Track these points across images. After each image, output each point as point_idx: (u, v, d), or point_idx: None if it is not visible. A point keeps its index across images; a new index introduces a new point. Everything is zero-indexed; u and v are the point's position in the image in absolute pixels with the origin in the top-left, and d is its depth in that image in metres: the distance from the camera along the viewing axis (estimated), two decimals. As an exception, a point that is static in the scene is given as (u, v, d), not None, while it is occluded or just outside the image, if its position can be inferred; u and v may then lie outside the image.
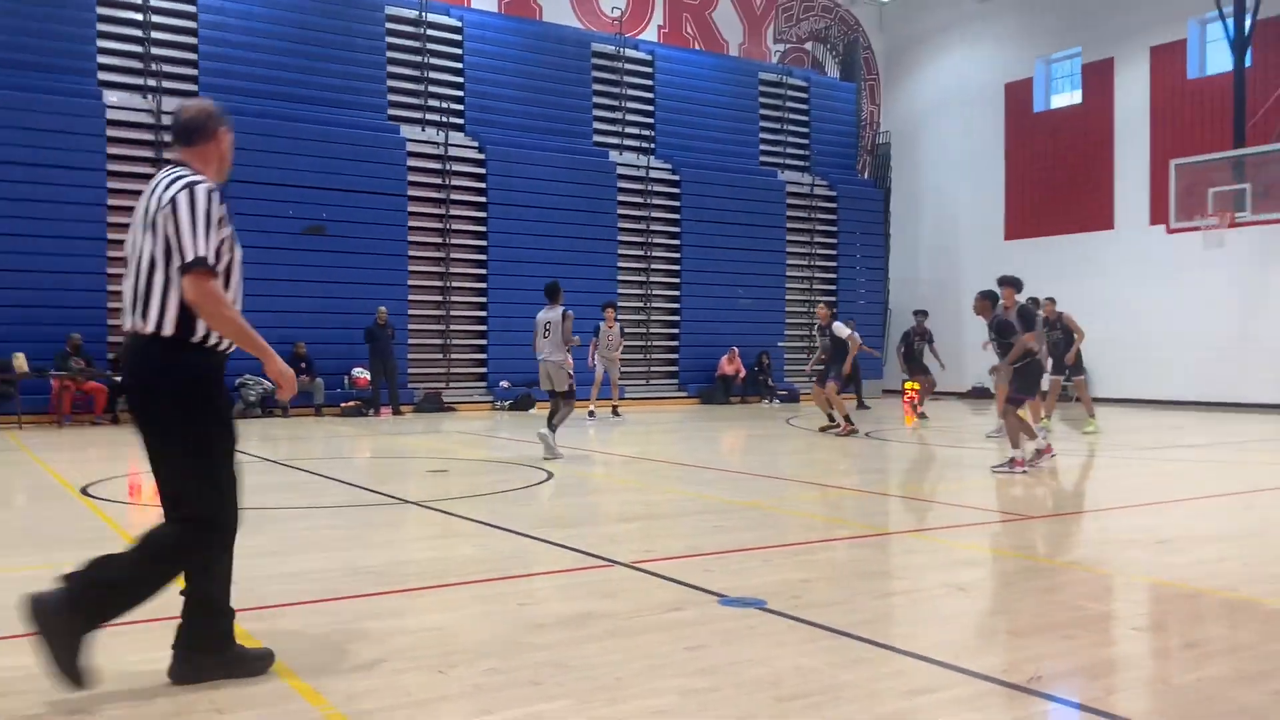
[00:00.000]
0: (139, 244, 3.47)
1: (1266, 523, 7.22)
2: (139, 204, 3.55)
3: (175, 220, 3.37)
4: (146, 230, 3.44)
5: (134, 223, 3.54)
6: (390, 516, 7.41)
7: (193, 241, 3.34)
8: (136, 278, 3.44)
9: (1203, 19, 21.31)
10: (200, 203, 3.39)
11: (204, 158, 3.63)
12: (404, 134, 19.87)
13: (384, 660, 3.79)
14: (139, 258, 3.45)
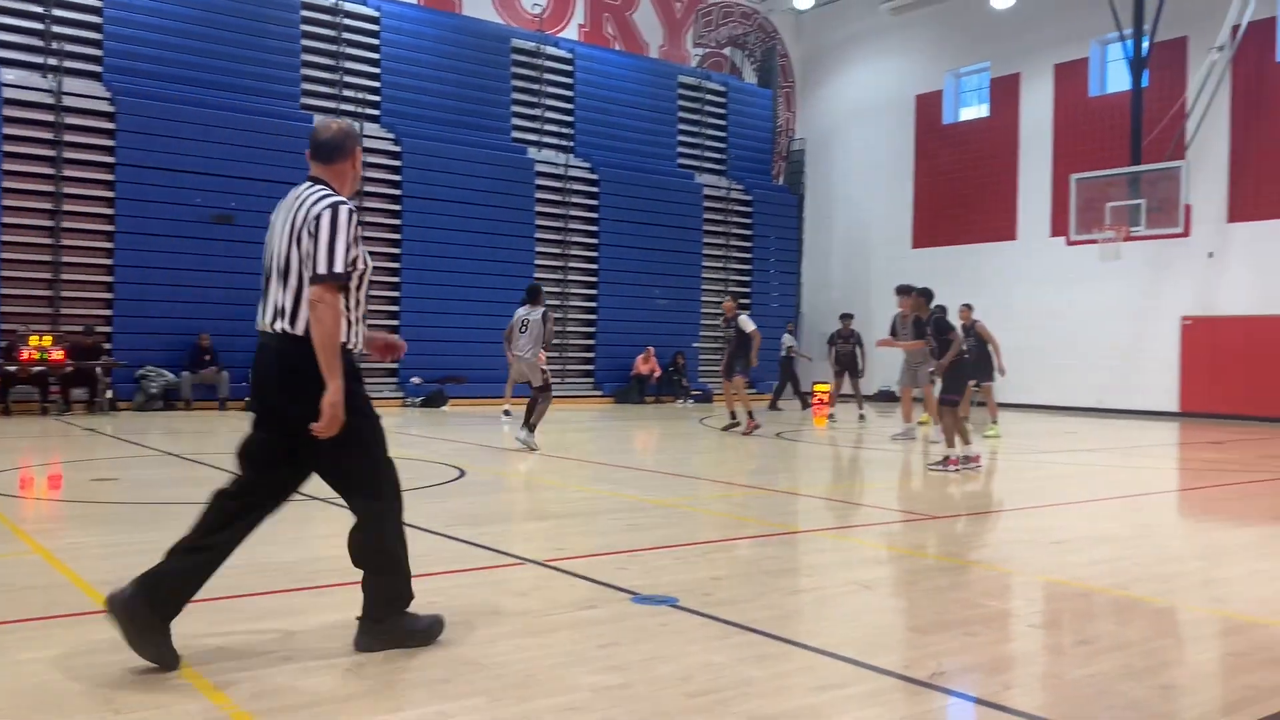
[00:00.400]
0: (284, 253, 3.70)
1: (1154, 525, 7.54)
2: (280, 214, 3.80)
3: (317, 234, 3.63)
4: (294, 242, 3.68)
5: (275, 232, 3.77)
6: (298, 513, 7.24)
7: (328, 257, 3.61)
8: (284, 284, 3.68)
9: (1104, 39, 22.11)
10: (342, 222, 3.65)
11: (340, 176, 3.91)
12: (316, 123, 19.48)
13: (291, 658, 3.73)
14: (285, 265, 3.69)
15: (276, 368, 3.70)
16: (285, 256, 3.70)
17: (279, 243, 3.74)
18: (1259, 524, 7.66)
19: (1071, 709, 3.37)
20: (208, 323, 17.78)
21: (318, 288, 3.59)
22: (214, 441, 12.38)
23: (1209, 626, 4.54)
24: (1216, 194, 20.07)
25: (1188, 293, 20.51)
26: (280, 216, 3.80)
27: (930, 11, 25.32)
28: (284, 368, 3.69)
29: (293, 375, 3.66)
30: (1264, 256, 19.43)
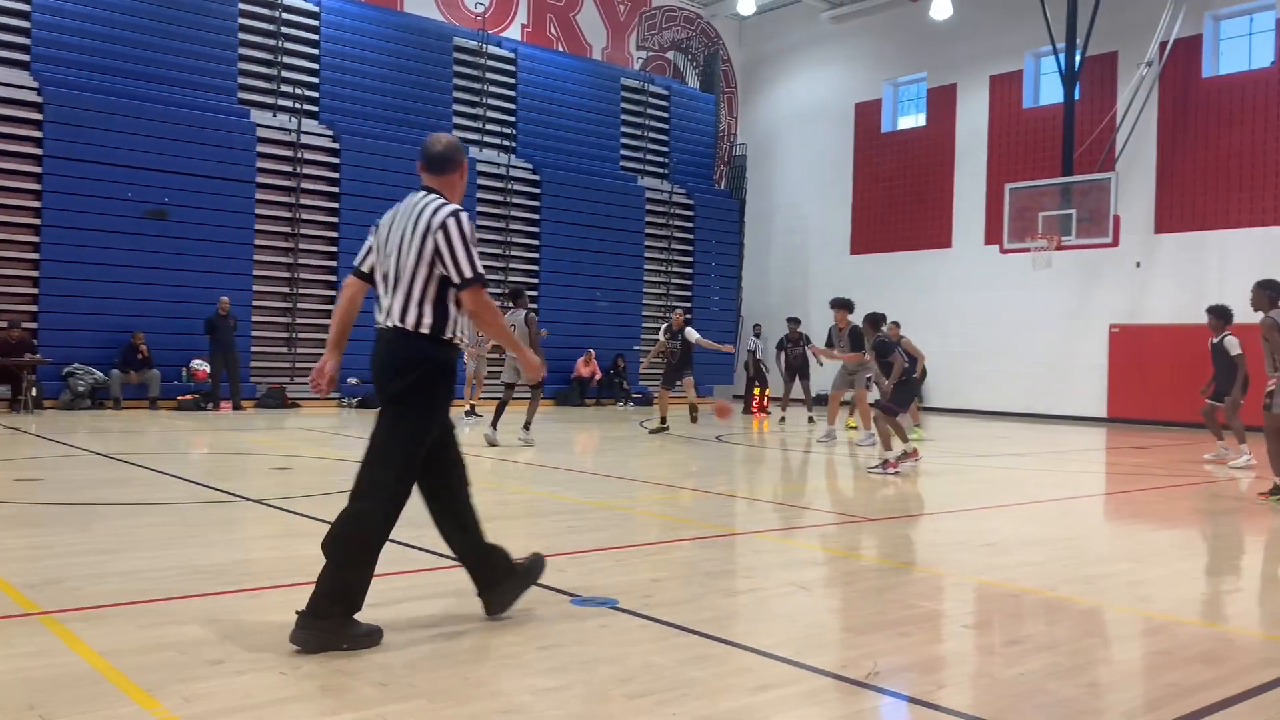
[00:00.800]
0: (404, 253, 4.02)
1: (1082, 527, 7.73)
2: (393, 221, 4.14)
3: (449, 243, 3.96)
4: (409, 245, 4.01)
5: (388, 237, 4.12)
6: (230, 514, 7.14)
7: (468, 263, 3.97)
8: (404, 281, 4.01)
9: (1038, 52, 22.62)
10: (466, 229, 4.02)
11: (451, 186, 4.25)
12: (254, 119, 19.17)
13: (223, 661, 3.66)
14: (401, 265, 4.02)
15: (389, 360, 4.05)
16: (406, 260, 4.02)
17: (397, 247, 4.06)
18: (1181, 526, 7.89)
19: (1002, 707, 3.45)
20: (140, 320, 17.41)
21: (468, 293, 4.00)
22: (143, 441, 12.11)
23: (1134, 626, 4.67)
24: (1144, 205, 20.63)
25: (1116, 301, 21.05)
26: (395, 223, 4.12)
27: (869, 21, 25.69)
28: (394, 357, 4.04)
29: (402, 364, 4.02)
30: (1188, 267, 20.02)
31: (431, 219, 4.00)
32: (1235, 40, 20.30)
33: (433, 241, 3.98)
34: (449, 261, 3.97)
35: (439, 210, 4.03)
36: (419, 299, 4.01)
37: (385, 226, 4.18)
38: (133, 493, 7.86)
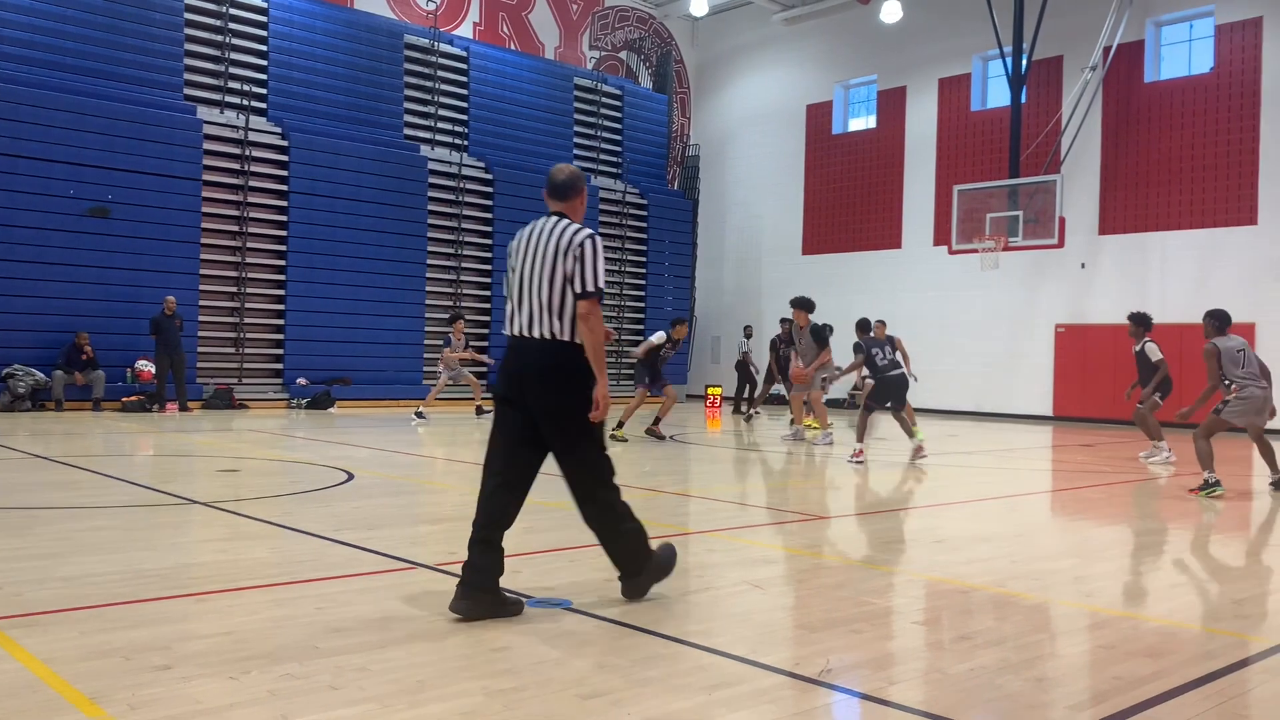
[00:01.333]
0: (541, 271, 4.45)
1: (1030, 524, 7.85)
2: (529, 242, 4.55)
3: (581, 261, 4.42)
4: (554, 266, 4.43)
5: (526, 255, 4.52)
6: (176, 517, 7.02)
7: (592, 277, 4.43)
8: (544, 295, 4.44)
9: (985, 56, 22.95)
10: (599, 249, 4.49)
11: (574, 209, 4.69)
12: (200, 115, 18.87)
13: (170, 667, 3.60)
14: (542, 282, 4.45)
15: (537, 366, 4.44)
16: (544, 276, 4.45)
17: (537, 265, 4.48)
18: (1125, 523, 8.05)
19: (953, 703, 3.49)
20: (84, 320, 17.07)
21: (585, 302, 4.40)
22: (86, 444, 11.87)
23: (1079, 621, 4.75)
24: (1088, 207, 21.02)
25: (1061, 301, 21.42)
26: (529, 244, 4.55)
27: (821, 24, 25.89)
28: (544, 366, 4.43)
29: (552, 372, 4.43)
30: (1130, 267, 20.43)
31: (571, 239, 4.48)
32: (1176, 46, 20.75)
33: (570, 259, 4.44)
34: (578, 274, 4.42)
35: (576, 232, 4.51)
36: (562, 312, 4.45)
37: (519, 248, 4.61)
38: (75, 496, 7.70)
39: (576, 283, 4.40)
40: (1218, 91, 19.54)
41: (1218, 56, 19.61)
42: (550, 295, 4.43)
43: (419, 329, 21.39)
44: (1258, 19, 19.08)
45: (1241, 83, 19.24)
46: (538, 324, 4.44)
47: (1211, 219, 19.51)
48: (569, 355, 4.45)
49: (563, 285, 4.42)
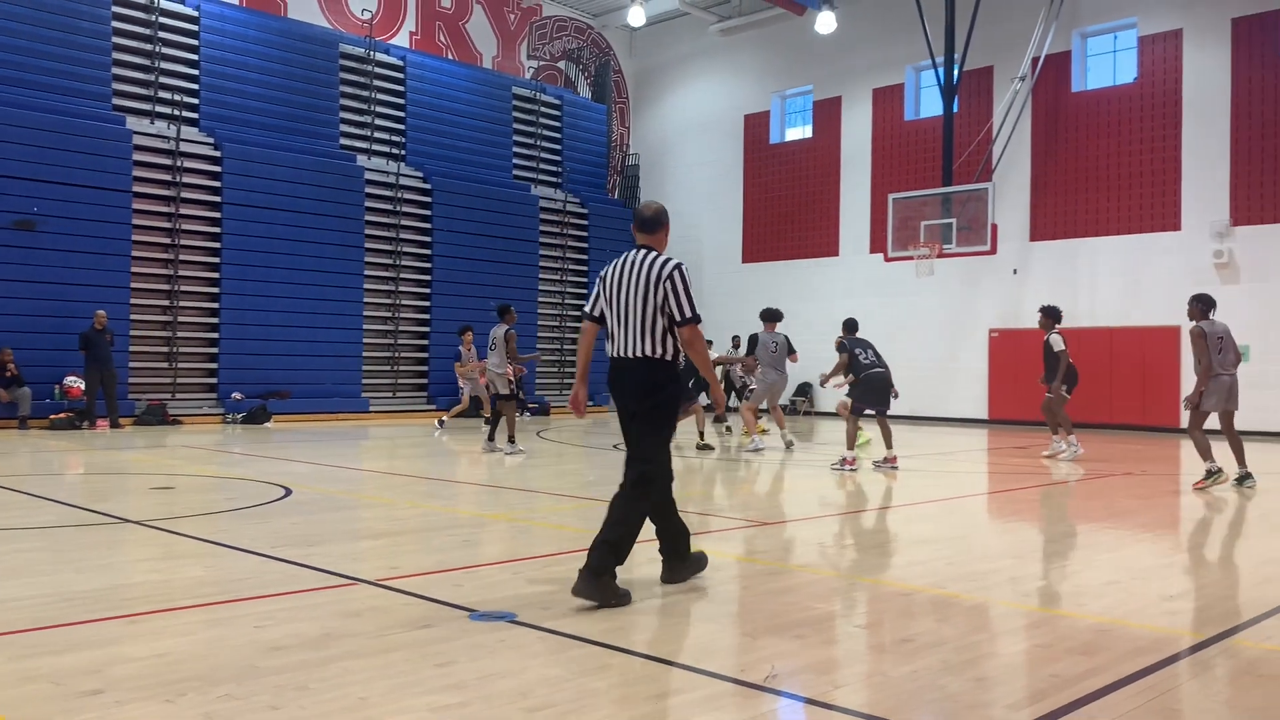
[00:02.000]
0: (638, 302, 5.15)
1: (968, 526, 7.98)
2: (623, 273, 5.24)
3: (674, 291, 5.12)
4: (648, 294, 5.13)
5: (621, 285, 5.23)
6: (108, 537, 6.85)
7: (688, 305, 5.14)
8: (640, 321, 5.15)
9: (918, 66, 23.34)
10: (687, 278, 5.18)
11: (660, 242, 5.40)
12: (130, 125, 18.48)
13: (103, 691, 3.51)
14: (636, 309, 5.16)
15: (634, 380, 5.20)
16: (639, 305, 5.16)
17: (630, 295, 5.18)
18: (1060, 523, 8.21)
19: (895, 705, 3.53)
20: (8, 336, 16.59)
21: (687, 329, 5.15)
22: (12, 463, 11.52)
23: (1017, 620, 4.84)
24: (1019, 214, 21.47)
25: (994, 306, 21.83)
26: (624, 274, 5.24)
27: (757, 35, 26.15)
28: (639, 380, 5.18)
29: (646, 384, 5.19)
30: (1061, 272, 20.90)
31: (660, 271, 5.15)
32: (1101, 56, 21.30)
33: (663, 289, 5.12)
34: (674, 304, 5.11)
35: (665, 264, 5.17)
36: (656, 334, 5.15)
37: (612, 277, 5.29)
38: (1, 517, 7.47)
39: (675, 313, 5.14)
40: (1141, 101, 20.10)
41: (1141, 67, 20.17)
42: (643, 320, 5.16)
43: (357, 340, 21.13)
44: (1178, 31, 19.66)
45: (1164, 92, 19.81)
46: (634, 346, 5.19)
47: (1138, 225, 20.03)
48: (659, 369, 5.20)
49: (654, 312, 5.14)
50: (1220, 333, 10.24)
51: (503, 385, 13.28)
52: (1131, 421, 19.69)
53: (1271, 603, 5.18)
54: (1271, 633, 4.58)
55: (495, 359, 13.28)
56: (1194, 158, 19.36)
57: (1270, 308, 18.43)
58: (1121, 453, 14.80)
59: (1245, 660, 4.17)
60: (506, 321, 13.28)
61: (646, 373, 5.19)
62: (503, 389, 13.31)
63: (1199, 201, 19.28)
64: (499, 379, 13.30)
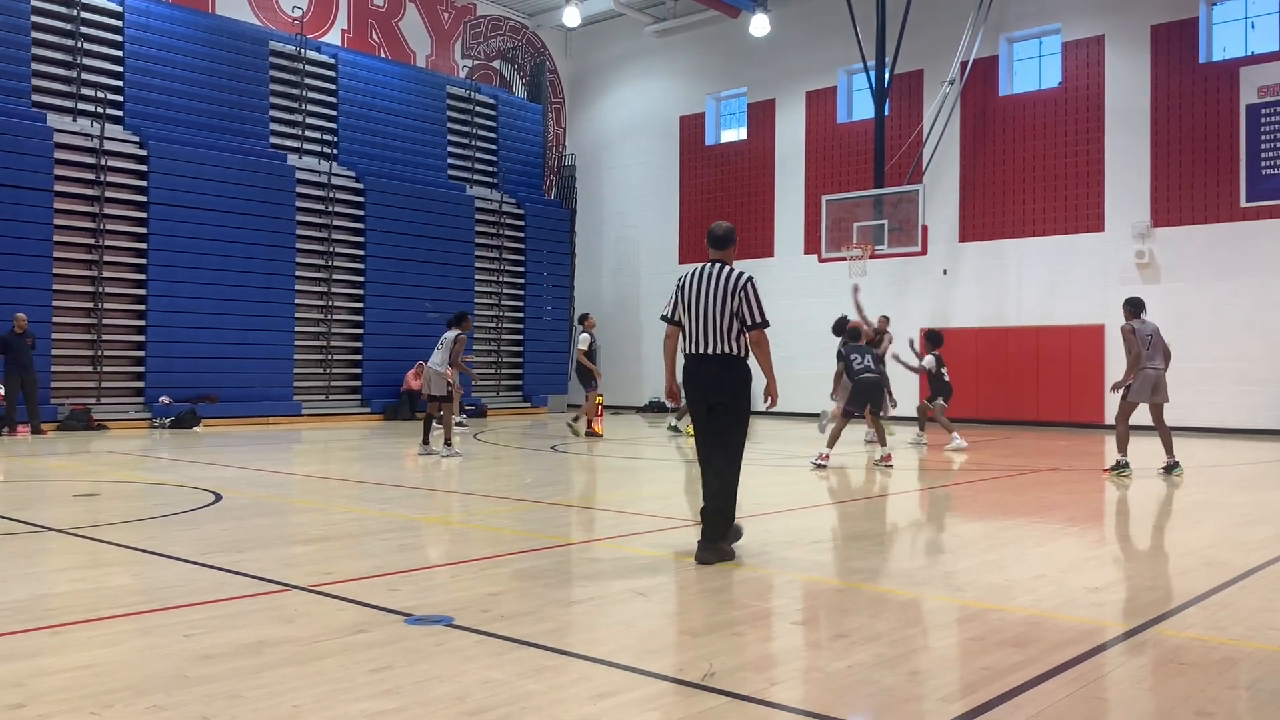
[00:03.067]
0: (716, 309, 6.10)
1: (899, 522, 8.10)
2: (700, 282, 6.17)
3: (747, 301, 6.10)
4: (724, 302, 6.09)
5: (699, 293, 6.15)
6: (29, 546, 6.65)
7: (758, 312, 6.13)
8: (718, 324, 6.10)
9: (850, 69, 23.64)
10: (756, 288, 6.19)
11: (730, 256, 6.39)
12: (51, 123, 17.95)
13: (25, 705, 3.40)
14: (715, 314, 6.10)
15: (712, 374, 6.12)
16: (716, 311, 6.10)
17: (708, 302, 6.11)
18: (989, 518, 8.38)
19: (832, 700, 3.57)
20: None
21: (756, 332, 6.13)
22: (-73, 471, 11.12)
23: (950, 615, 4.92)
24: (949, 216, 21.86)
25: (925, 306, 22.19)
26: (701, 284, 6.16)
27: (691, 36, 26.26)
28: (716, 374, 6.12)
29: (726, 378, 6.12)
30: (988, 273, 21.33)
31: (736, 282, 6.12)
32: (1027, 61, 21.78)
33: (737, 298, 6.08)
34: (746, 311, 6.08)
35: (740, 277, 6.16)
36: (731, 335, 6.09)
37: (690, 287, 6.20)
38: (-85, 528, 7.21)
39: (747, 318, 6.08)
40: (1066, 105, 20.59)
41: (1065, 72, 20.67)
42: (720, 324, 6.08)
43: (289, 343, 20.78)
44: (1100, 37, 20.18)
45: (1087, 97, 20.32)
46: (711, 344, 6.11)
47: (1063, 226, 20.52)
48: (733, 365, 6.12)
49: (730, 317, 6.06)
50: (1150, 331, 10.94)
51: (439, 387, 13.20)
52: (1058, 419, 20.16)
53: (1192, 592, 5.35)
54: (1193, 621, 4.73)
55: (439, 358, 13.17)
56: (1116, 161, 19.89)
57: (1188, 307, 19.01)
58: (1049, 449, 15.14)
59: (1169, 648, 4.29)
60: (463, 328, 13.37)
61: (723, 369, 6.10)
62: (439, 390, 13.23)
63: (1121, 203, 19.82)
64: (437, 379, 13.20)
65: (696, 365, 6.16)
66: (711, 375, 6.12)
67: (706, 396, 6.14)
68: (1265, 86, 18.41)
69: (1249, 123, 18.54)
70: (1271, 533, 7.34)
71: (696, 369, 6.16)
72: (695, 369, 6.17)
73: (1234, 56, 19.05)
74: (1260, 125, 18.44)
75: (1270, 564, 6.13)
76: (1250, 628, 4.60)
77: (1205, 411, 18.75)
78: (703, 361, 6.14)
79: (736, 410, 6.16)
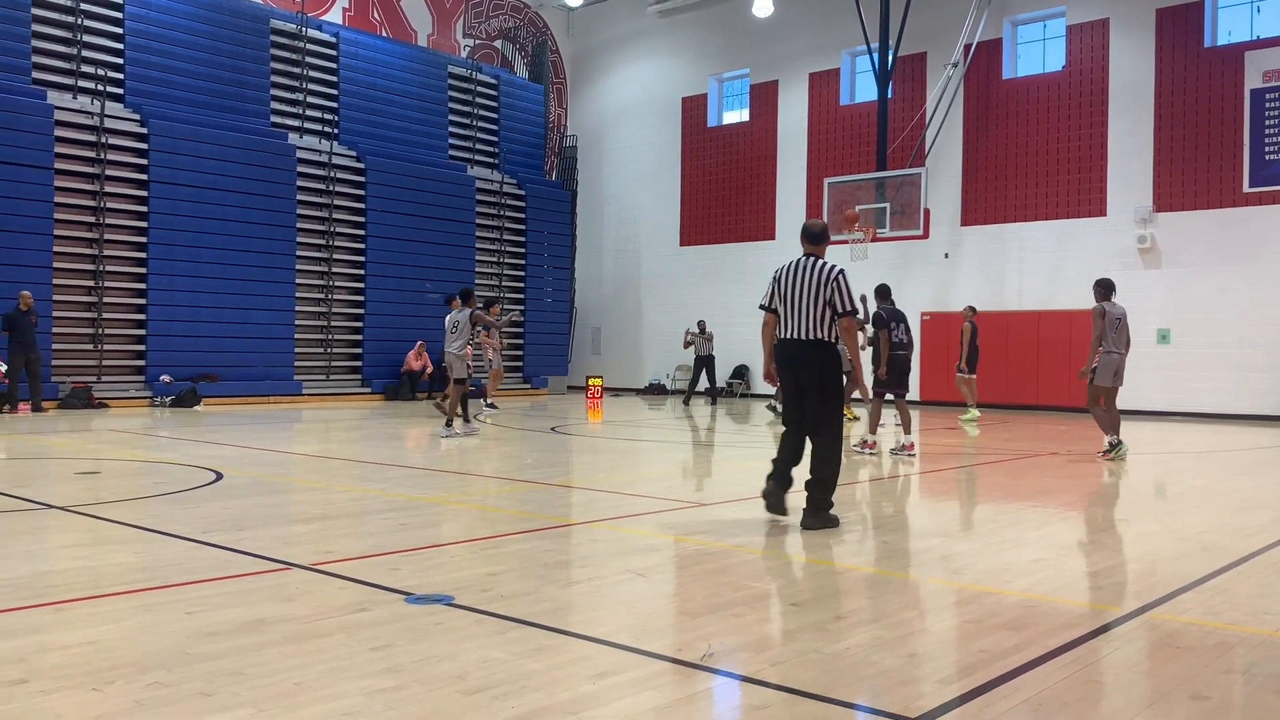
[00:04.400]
0: (811, 297, 6.65)
1: (899, 505, 8.12)
2: (796, 274, 6.74)
3: (839, 291, 6.64)
4: (818, 292, 6.65)
5: (795, 282, 6.72)
6: (31, 523, 6.67)
7: (849, 301, 6.65)
8: (811, 312, 6.66)
9: (853, 51, 23.54)
10: (848, 279, 6.73)
11: (823, 251, 6.92)
12: (51, 100, 17.90)
13: (27, 681, 3.42)
14: (809, 303, 6.66)
15: (806, 356, 6.67)
16: (811, 299, 6.65)
17: (804, 291, 6.67)
18: (988, 502, 8.40)
19: (830, 682, 3.59)
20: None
21: (846, 319, 6.68)
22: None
23: (948, 597, 4.94)
24: (951, 199, 21.81)
25: (927, 290, 22.17)
26: (797, 275, 6.73)
27: (694, 17, 26.14)
28: (813, 357, 6.68)
29: (818, 361, 6.69)
30: (990, 257, 21.30)
31: (828, 274, 6.67)
32: (1031, 44, 21.69)
33: (830, 288, 6.63)
34: (837, 300, 6.63)
35: (831, 269, 6.70)
36: (823, 322, 6.64)
37: (786, 277, 6.77)
38: (-83, 504, 7.23)
39: (838, 306, 6.62)
40: (1069, 89, 20.51)
41: (1069, 55, 20.58)
42: (813, 312, 6.64)
43: (289, 322, 20.79)
44: (1105, 20, 20.09)
45: (1091, 80, 20.24)
46: (805, 329, 6.66)
47: (1065, 210, 20.48)
48: (824, 349, 6.68)
49: (823, 306, 6.62)
50: (1118, 314, 11.01)
51: (460, 370, 13.37)
52: (1058, 403, 20.18)
53: (1189, 577, 5.37)
54: (1189, 606, 4.74)
55: (458, 343, 13.33)
56: (1119, 145, 19.83)
57: (1189, 291, 19.00)
58: (1048, 433, 15.16)
59: (1165, 633, 4.31)
60: (470, 304, 13.46)
61: (815, 352, 6.66)
62: (460, 374, 13.39)
63: (1124, 188, 19.77)
64: (457, 362, 13.37)
65: (789, 348, 6.71)
66: (803, 357, 6.66)
67: (799, 379, 6.69)
68: (1270, 71, 18.34)
69: (1253, 107, 18.47)
70: (1269, 518, 7.36)
71: (789, 352, 6.71)
72: (788, 352, 6.72)
73: (1239, 40, 18.97)
74: (1265, 110, 18.37)
75: (1267, 549, 6.15)
76: (1246, 612, 4.62)
77: (1205, 397, 18.77)
78: (795, 345, 6.69)
79: (826, 391, 6.70)
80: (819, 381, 6.66)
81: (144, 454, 10.78)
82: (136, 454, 10.75)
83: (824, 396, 6.68)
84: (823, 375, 6.67)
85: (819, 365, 6.65)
